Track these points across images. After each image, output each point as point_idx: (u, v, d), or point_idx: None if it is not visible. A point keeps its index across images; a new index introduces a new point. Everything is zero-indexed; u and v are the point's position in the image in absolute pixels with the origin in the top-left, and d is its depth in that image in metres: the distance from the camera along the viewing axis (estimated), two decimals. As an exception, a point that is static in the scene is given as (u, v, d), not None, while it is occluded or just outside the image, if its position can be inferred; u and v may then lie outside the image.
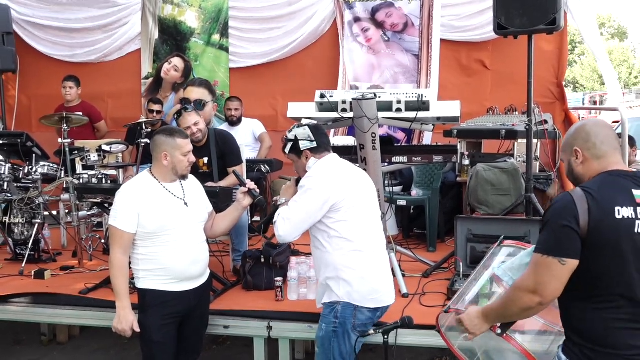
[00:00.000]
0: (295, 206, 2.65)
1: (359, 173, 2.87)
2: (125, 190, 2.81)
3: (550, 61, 5.54)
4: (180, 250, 2.78)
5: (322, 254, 2.70)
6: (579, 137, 1.92)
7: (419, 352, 3.91)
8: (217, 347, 4.27)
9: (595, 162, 1.88)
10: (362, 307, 2.63)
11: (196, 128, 3.94)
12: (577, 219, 1.74)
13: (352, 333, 2.62)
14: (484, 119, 4.53)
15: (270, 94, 6.23)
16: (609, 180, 1.82)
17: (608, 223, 1.74)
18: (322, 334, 2.67)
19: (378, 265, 2.73)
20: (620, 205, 1.75)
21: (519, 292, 1.86)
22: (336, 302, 2.64)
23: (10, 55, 6.33)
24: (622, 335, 1.78)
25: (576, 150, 1.91)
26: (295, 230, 2.65)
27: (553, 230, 1.79)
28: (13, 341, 4.47)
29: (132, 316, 2.76)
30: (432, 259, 4.17)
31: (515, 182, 4.35)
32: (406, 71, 5.89)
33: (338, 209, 2.62)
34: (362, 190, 2.77)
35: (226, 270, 4.02)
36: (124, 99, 6.55)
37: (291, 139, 2.81)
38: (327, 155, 2.80)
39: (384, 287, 2.73)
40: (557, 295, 1.82)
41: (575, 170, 1.94)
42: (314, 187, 2.63)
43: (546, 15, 3.63)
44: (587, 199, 1.76)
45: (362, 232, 2.68)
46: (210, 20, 6.38)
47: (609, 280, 1.77)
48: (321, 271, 2.73)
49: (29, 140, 4.62)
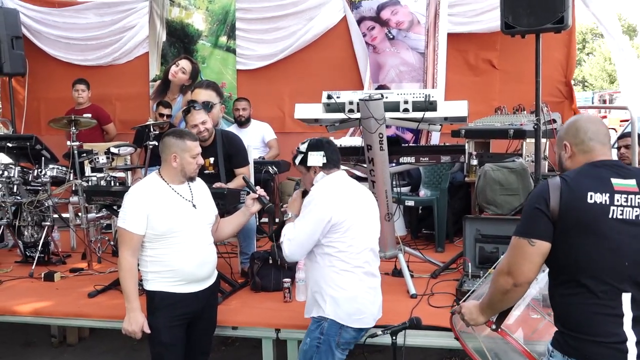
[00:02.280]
0: (299, 226, 2.70)
1: (363, 193, 2.88)
2: (134, 192, 2.81)
3: (558, 60, 5.51)
4: (189, 252, 2.78)
5: (314, 266, 2.74)
6: (569, 132, 2.00)
7: (428, 352, 3.90)
8: (226, 349, 4.28)
9: (582, 156, 1.95)
10: (347, 326, 2.66)
11: (203, 127, 3.96)
12: (547, 203, 1.82)
13: (335, 350, 2.66)
14: (492, 119, 4.50)
15: (278, 96, 6.24)
16: (588, 170, 1.89)
17: (578, 206, 1.80)
18: (306, 348, 2.71)
19: (368, 287, 2.76)
20: (593, 191, 1.81)
21: (497, 275, 1.95)
22: (323, 318, 2.67)
23: (19, 59, 6.38)
24: (603, 322, 1.79)
25: (565, 144, 1.99)
26: (300, 249, 2.71)
27: (526, 213, 1.90)
28: (24, 343, 4.49)
29: (141, 318, 2.77)
30: (441, 259, 4.16)
31: (523, 182, 4.31)
32: (412, 70, 5.85)
33: (337, 229, 2.65)
34: (364, 211, 2.79)
35: (234, 271, 4.02)
36: (132, 102, 6.59)
37: (302, 151, 2.83)
38: (335, 172, 2.82)
39: (370, 310, 2.76)
40: (530, 277, 1.87)
41: (564, 164, 2.01)
42: (316, 208, 2.67)
43: (554, 14, 3.60)
44: (561, 184, 1.84)
45: (357, 253, 2.70)
46: (217, 22, 6.40)
47: (583, 264, 1.80)
48: (310, 283, 2.79)
49: (38, 143, 4.65)
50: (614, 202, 1.80)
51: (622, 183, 1.83)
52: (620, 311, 1.78)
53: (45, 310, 3.60)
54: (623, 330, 1.78)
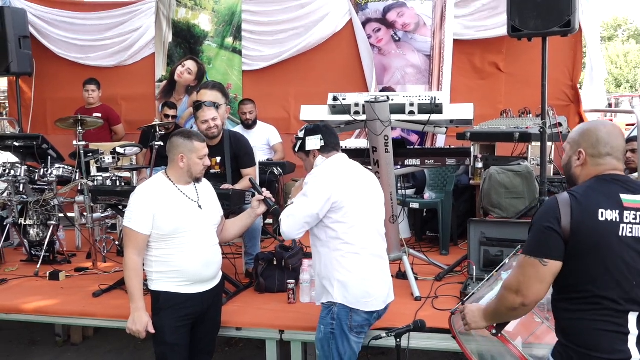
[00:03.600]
0: (298, 203, 2.69)
1: (366, 175, 2.87)
2: (140, 191, 2.82)
3: (564, 63, 5.50)
4: (194, 253, 2.78)
5: (320, 254, 2.73)
6: (588, 139, 1.90)
7: (432, 355, 3.89)
8: (229, 349, 4.28)
9: (594, 168, 1.88)
10: (357, 309, 2.65)
11: (213, 123, 3.99)
12: (558, 221, 1.77)
13: (349, 334, 2.65)
14: (498, 122, 4.50)
15: (283, 97, 6.25)
16: (597, 185, 1.83)
17: (590, 225, 1.76)
18: (321, 336, 2.70)
19: (375, 269, 2.74)
20: (604, 208, 1.76)
21: (505, 291, 1.90)
22: (332, 303, 2.67)
23: (26, 59, 6.42)
24: (607, 339, 1.77)
25: (580, 151, 1.91)
26: (298, 226, 2.67)
27: (536, 232, 1.83)
28: (28, 342, 4.51)
29: (146, 317, 2.77)
30: (445, 262, 4.15)
31: (529, 185, 4.31)
32: (417, 72, 5.85)
33: (339, 208, 2.63)
34: (367, 192, 2.77)
35: (238, 272, 4.03)
36: (138, 102, 6.61)
37: (300, 137, 2.84)
38: (335, 155, 2.82)
39: (379, 292, 2.73)
40: (540, 296, 1.84)
41: (572, 170, 1.95)
42: (315, 184, 2.66)
43: (560, 17, 3.59)
44: (570, 201, 1.78)
45: (362, 235, 2.68)
46: (224, 23, 6.42)
47: (592, 282, 1.77)
48: (317, 271, 2.77)
49: (44, 142, 4.68)
50: (624, 220, 1.76)
51: (631, 199, 1.79)
52: (626, 329, 1.77)
53: (50, 309, 3.61)
54: (628, 348, 1.76)
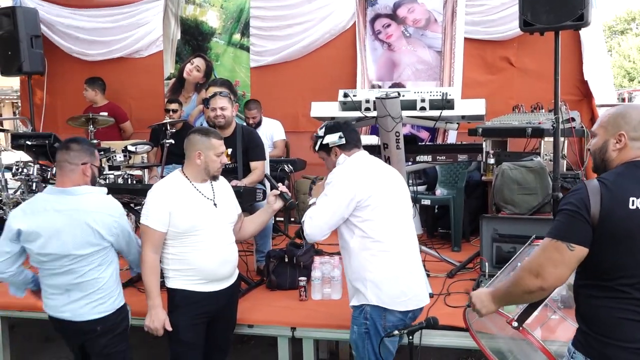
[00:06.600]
0: (321, 204, 2.61)
1: (389, 171, 2.80)
2: (157, 189, 2.82)
3: (577, 58, 5.43)
4: (210, 251, 2.78)
5: (349, 255, 2.63)
6: (630, 122, 1.85)
7: (445, 352, 3.88)
8: (241, 346, 4.29)
9: (632, 152, 1.84)
10: (391, 309, 2.56)
11: (221, 112, 3.96)
12: (587, 208, 1.74)
13: (383, 334, 2.55)
14: (510, 117, 4.46)
15: (291, 94, 6.22)
16: (628, 171, 1.80)
17: (620, 213, 1.73)
18: (355, 337, 2.63)
19: (408, 266, 2.63)
20: (635, 196, 1.73)
21: (523, 272, 1.87)
22: (364, 304, 2.58)
23: (38, 58, 6.44)
24: (630, 327, 1.75)
25: (622, 134, 1.85)
26: (322, 228, 2.59)
27: (564, 217, 1.80)
28: (44, 338, 4.55)
29: (163, 315, 2.77)
30: (457, 258, 4.14)
31: (542, 181, 4.27)
32: (428, 68, 5.82)
33: (364, 206, 2.55)
34: (391, 188, 2.68)
35: (250, 269, 4.04)
36: (146, 100, 6.62)
37: (320, 136, 2.77)
38: (357, 152, 2.75)
39: (414, 290, 2.63)
40: (560, 282, 1.81)
41: (608, 153, 1.88)
42: (338, 184, 2.59)
43: (573, 11, 3.55)
44: (600, 188, 1.76)
45: (391, 232, 2.59)
46: (232, 20, 6.41)
47: (620, 270, 1.75)
48: (349, 273, 2.67)
49: (56, 141, 4.69)
50: None
51: None
52: None
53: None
54: None
